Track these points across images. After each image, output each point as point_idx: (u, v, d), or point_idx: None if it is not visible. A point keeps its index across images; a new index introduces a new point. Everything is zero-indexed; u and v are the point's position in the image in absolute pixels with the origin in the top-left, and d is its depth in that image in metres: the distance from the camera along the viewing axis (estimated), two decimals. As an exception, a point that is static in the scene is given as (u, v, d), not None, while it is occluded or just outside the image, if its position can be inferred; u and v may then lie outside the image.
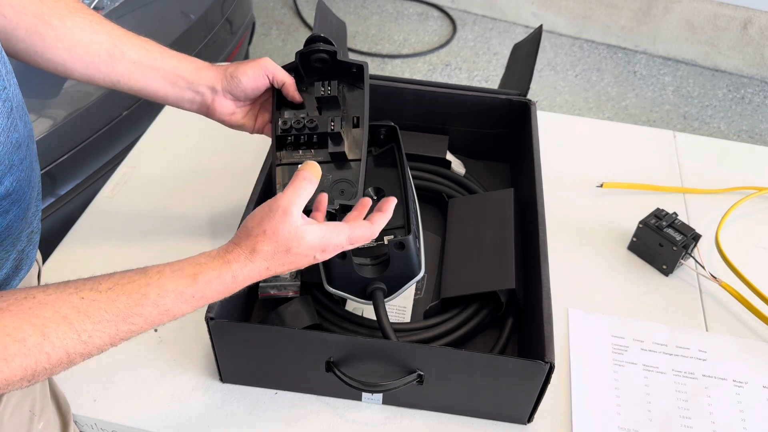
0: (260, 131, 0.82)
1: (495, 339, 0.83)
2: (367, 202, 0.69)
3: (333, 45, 0.78)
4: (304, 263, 0.62)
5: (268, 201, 0.61)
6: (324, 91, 0.77)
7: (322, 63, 0.79)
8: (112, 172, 1.09)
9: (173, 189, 1.04)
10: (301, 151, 0.76)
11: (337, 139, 0.75)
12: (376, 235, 0.66)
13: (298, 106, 0.79)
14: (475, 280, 0.84)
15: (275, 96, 0.79)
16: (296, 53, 0.78)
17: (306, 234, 0.60)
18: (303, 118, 0.76)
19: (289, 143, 0.77)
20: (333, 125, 0.75)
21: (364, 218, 0.68)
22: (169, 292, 0.54)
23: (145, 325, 0.55)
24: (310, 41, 0.78)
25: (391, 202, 0.69)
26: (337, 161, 0.75)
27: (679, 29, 2.75)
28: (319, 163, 0.75)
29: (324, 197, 0.69)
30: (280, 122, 0.77)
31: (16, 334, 0.46)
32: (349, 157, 0.75)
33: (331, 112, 0.78)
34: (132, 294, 0.53)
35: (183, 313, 0.57)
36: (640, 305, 0.92)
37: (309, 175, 0.63)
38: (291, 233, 0.59)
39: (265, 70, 0.76)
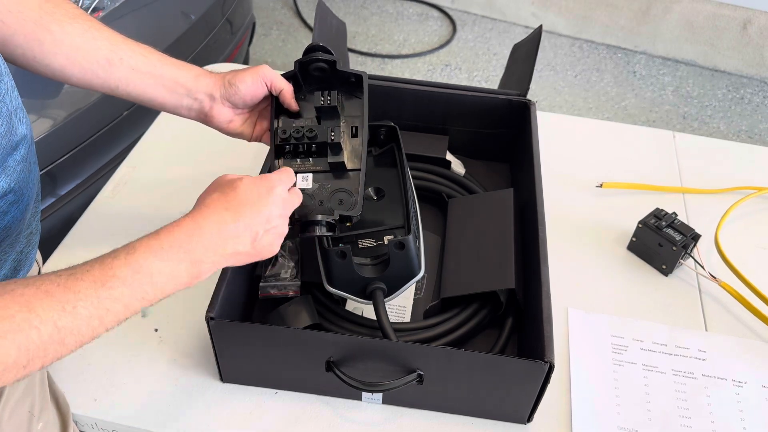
0: (258, 139, 0.81)
1: (495, 339, 0.83)
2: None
3: (332, 54, 0.77)
4: (262, 206, 0.63)
5: None
6: (324, 101, 0.77)
7: (321, 72, 0.78)
8: (112, 172, 1.09)
9: (174, 189, 1.04)
10: (299, 160, 0.76)
11: (337, 149, 0.75)
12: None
13: (296, 115, 0.79)
14: (475, 280, 0.84)
15: (274, 104, 0.79)
16: (295, 62, 0.78)
17: (243, 177, 0.65)
18: (302, 127, 0.76)
19: (288, 152, 0.76)
20: (333, 135, 0.74)
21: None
22: (137, 249, 0.55)
23: (125, 289, 0.53)
24: (309, 50, 0.78)
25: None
26: (335, 171, 0.75)
27: (679, 29, 2.75)
28: (318, 172, 0.75)
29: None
30: (279, 131, 0.77)
31: (4, 312, 0.46)
32: (348, 166, 0.75)
33: (331, 121, 0.78)
34: (104, 260, 0.54)
35: (161, 273, 0.56)
36: (640, 305, 0.92)
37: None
38: (230, 179, 0.65)
39: (264, 78, 0.76)
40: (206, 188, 0.65)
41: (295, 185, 0.72)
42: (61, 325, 0.49)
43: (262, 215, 0.63)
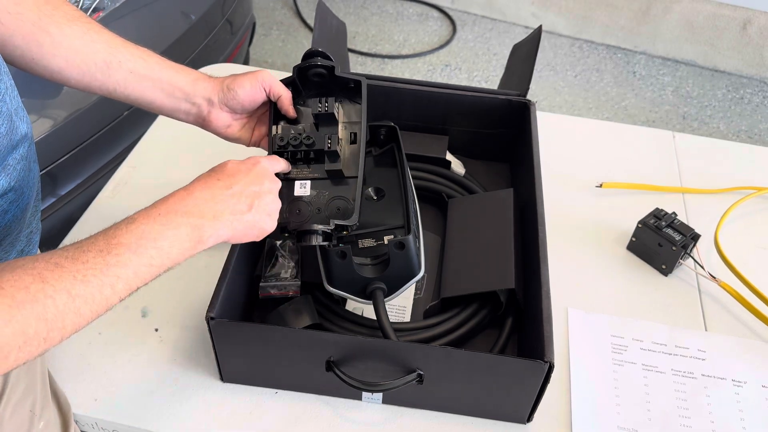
0: (257, 144, 0.81)
1: (495, 339, 0.83)
2: None
3: (331, 60, 0.77)
4: (252, 175, 0.66)
5: None
6: (321, 108, 0.76)
7: (319, 78, 0.78)
8: (113, 172, 1.09)
9: (174, 189, 1.04)
10: (297, 167, 0.76)
11: (334, 156, 0.74)
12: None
13: (295, 120, 0.79)
14: (475, 280, 0.84)
15: (272, 109, 0.78)
16: (294, 68, 0.77)
17: (231, 159, 0.68)
18: (300, 134, 0.75)
19: (286, 158, 0.76)
20: (330, 142, 0.74)
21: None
22: (136, 219, 0.58)
23: (131, 255, 0.54)
24: (307, 56, 0.78)
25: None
26: (333, 178, 0.75)
27: (679, 29, 2.76)
28: (316, 179, 0.75)
29: None
30: (277, 138, 0.76)
31: (19, 284, 0.48)
32: (346, 174, 0.75)
33: (328, 128, 0.77)
34: (107, 231, 0.56)
35: (164, 237, 0.57)
36: (640, 305, 0.92)
37: None
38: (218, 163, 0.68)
39: (262, 83, 0.76)
40: None
41: (282, 174, 0.73)
42: (75, 293, 0.50)
43: (254, 182, 0.65)
